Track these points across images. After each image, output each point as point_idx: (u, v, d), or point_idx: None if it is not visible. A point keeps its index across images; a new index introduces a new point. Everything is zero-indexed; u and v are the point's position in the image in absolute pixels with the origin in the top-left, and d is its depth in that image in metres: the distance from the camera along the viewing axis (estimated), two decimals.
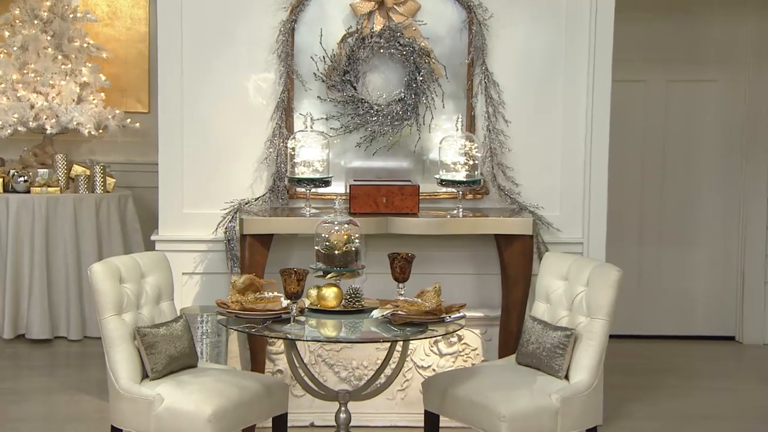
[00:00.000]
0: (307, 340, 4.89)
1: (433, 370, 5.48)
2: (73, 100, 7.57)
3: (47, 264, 7.22)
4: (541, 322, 4.77)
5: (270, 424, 4.71)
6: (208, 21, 5.48)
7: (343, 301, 4.58)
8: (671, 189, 7.54)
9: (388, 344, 4.76)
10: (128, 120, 7.77)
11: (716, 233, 7.54)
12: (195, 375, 4.58)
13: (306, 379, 4.64)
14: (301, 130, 5.30)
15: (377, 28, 5.46)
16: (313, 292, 4.61)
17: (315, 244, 4.64)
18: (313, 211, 5.25)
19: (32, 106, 7.53)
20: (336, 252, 4.59)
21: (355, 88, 5.46)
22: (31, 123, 7.51)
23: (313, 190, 5.30)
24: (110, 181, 7.53)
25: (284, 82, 5.48)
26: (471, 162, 5.30)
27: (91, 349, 6.98)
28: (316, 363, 5.45)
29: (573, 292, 4.76)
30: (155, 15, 5.78)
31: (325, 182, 5.25)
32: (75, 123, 7.50)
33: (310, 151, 5.23)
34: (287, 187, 5.47)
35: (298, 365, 4.61)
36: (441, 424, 4.76)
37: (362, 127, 5.50)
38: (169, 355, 4.52)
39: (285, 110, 5.49)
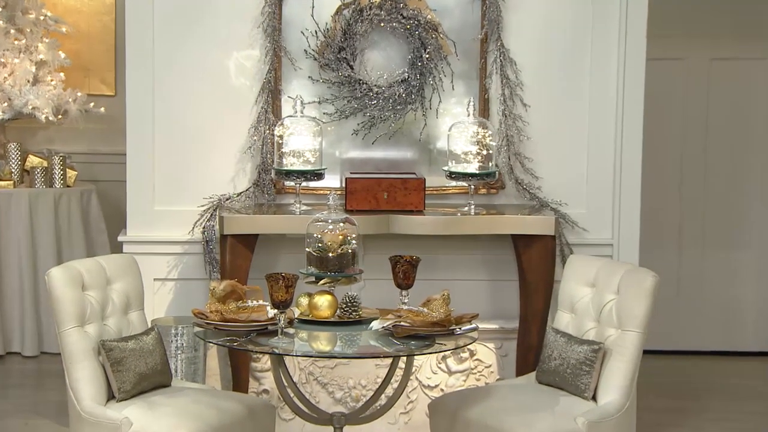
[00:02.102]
0: (296, 356, 4.92)
1: (441, 389, 5.50)
2: (28, 81, 7.59)
3: None
4: (565, 335, 4.80)
5: None
6: None
7: (339, 311, 4.60)
8: (715, 183, 7.55)
9: (390, 360, 4.78)
10: (92, 104, 7.79)
11: (767, 234, 7.56)
12: (168, 395, 4.60)
13: (296, 400, 4.67)
14: (290, 116, 5.33)
15: None
16: (304, 301, 4.63)
17: (306, 246, 4.67)
18: (304, 208, 5.28)
19: None
20: (330, 255, 4.62)
21: (351, 68, 5.49)
22: None
23: (304, 184, 5.32)
24: (71, 173, 7.55)
25: (271, 60, 5.50)
26: (484, 152, 5.33)
27: (49, 367, 7.00)
28: (308, 382, 5.48)
29: (601, 301, 4.78)
30: None
31: (318, 175, 5.28)
32: (30, 107, 7.52)
33: (301, 140, 5.25)
34: (274, 181, 5.49)
35: (286, 384, 4.63)
36: None
37: (360, 112, 5.53)
38: (138, 372, 4.54)
39: (271, 92, 5.51)
